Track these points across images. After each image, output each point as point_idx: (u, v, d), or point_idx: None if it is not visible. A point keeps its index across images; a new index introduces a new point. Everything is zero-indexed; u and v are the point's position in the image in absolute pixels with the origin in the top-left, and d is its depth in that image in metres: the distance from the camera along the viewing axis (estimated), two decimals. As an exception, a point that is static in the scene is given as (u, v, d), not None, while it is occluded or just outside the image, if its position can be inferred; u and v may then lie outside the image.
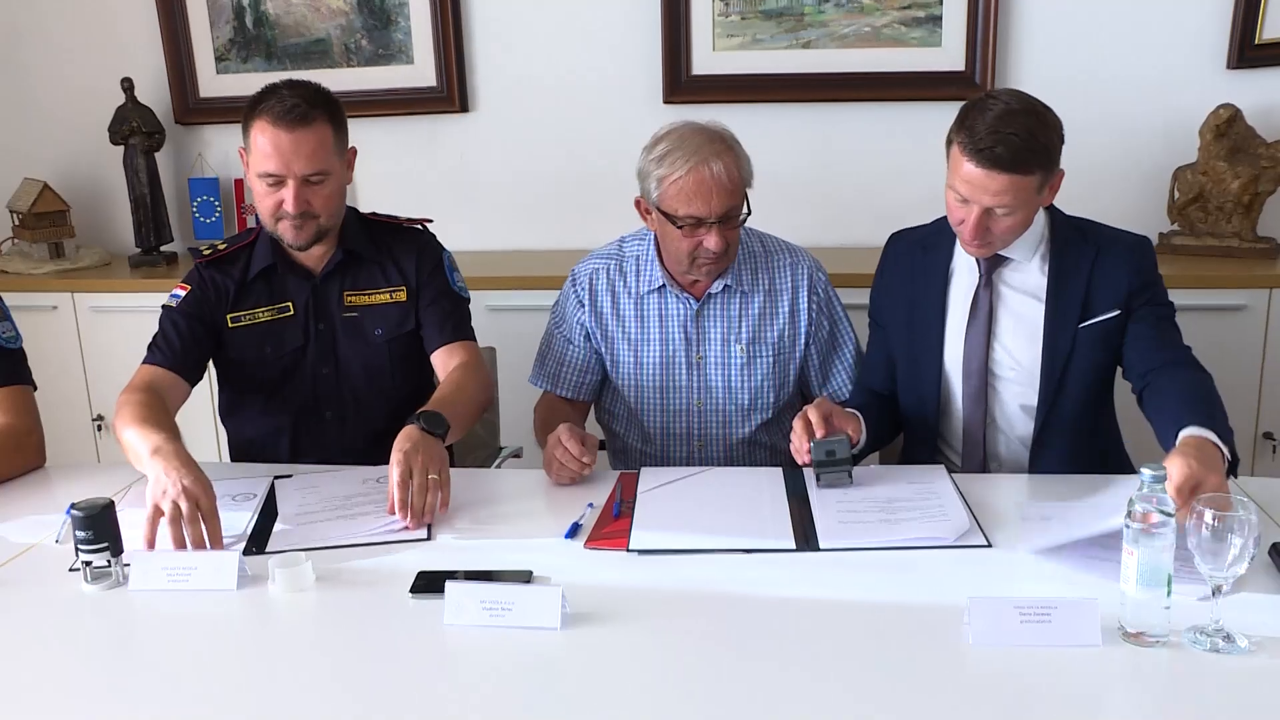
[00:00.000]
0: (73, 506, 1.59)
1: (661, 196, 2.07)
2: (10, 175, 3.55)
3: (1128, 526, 1.35)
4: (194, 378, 2.14)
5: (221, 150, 3.55)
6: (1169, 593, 1.34)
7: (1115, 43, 3.09)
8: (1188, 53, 3.06)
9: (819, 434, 1.87)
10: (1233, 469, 1.72)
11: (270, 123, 2.00)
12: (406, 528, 1.75)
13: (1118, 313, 1.98)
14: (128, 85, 3.39)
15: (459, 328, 2.23)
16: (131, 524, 1.66)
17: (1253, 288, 2.83)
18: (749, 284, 2.21)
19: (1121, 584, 1.36)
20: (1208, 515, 1.32)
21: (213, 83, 3.50)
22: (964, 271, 2.07)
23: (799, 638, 1.42)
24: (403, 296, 2.20)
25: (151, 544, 1.66)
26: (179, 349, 2.11)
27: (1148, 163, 3.13)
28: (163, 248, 3.50)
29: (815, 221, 3.25)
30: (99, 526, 1.56)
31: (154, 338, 2.14)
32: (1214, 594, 1.35)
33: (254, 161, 2.04)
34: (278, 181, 2.02)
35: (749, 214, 2.13)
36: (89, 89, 3.50)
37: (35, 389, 2.14)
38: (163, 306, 2.17)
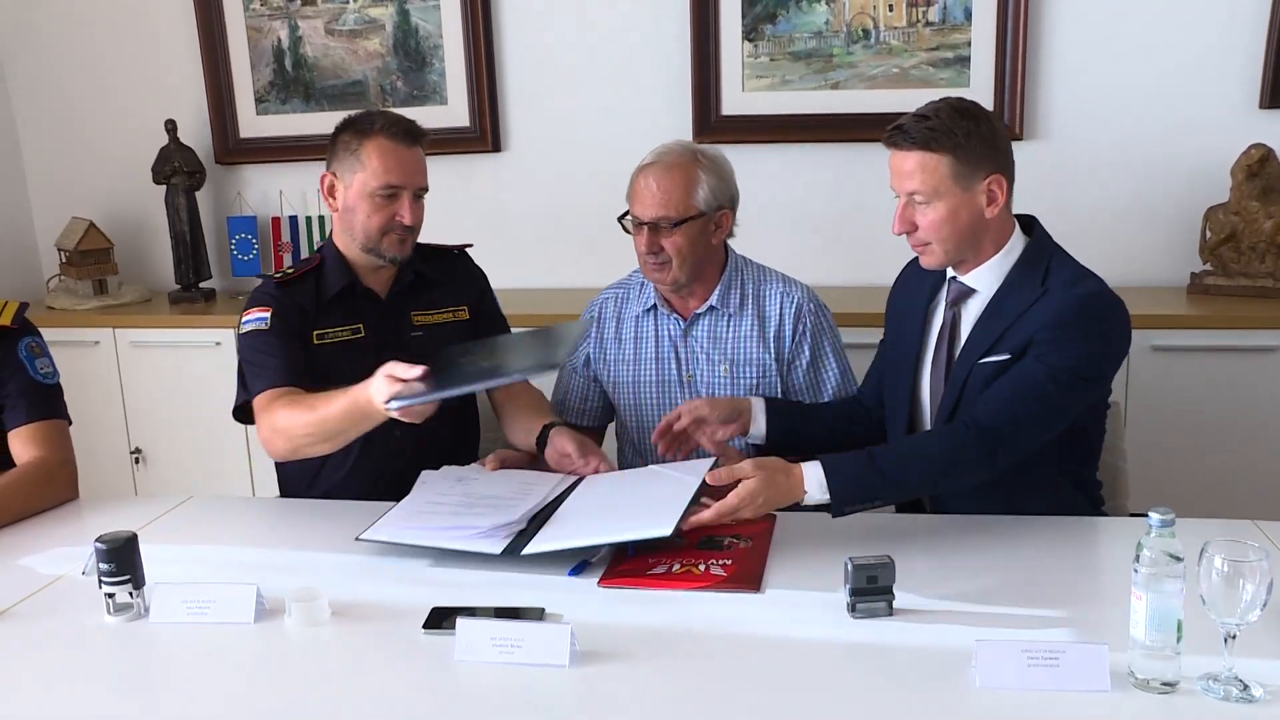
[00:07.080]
0: (98, 539, 1.62)
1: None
2: (59, 214, 3.66)
3: (1136, 571, 1.33)
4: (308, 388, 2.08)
5: (260, 189, 3.63)
6: (1179, 638, 1.32)
7: (1146, 81, 3.08)
8: (1219, 92, 3.05)
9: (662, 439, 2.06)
10: (832, 509, 1.74)
11: (389, 139, 2.10)
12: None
13: (1009, 356, 1.84)
14: (171, 126, 3.49)
15: None
16: (156, 559, 1.69)
17: (1286, 329, 2.79)
18: (735, 307, 2.28)
19: (1131, 629, 1.35)
20: (1218, 560, 1.30)
21: (253, 124, 3.59)
22: (942, 302, 2.02)
23: (811, 678, 1.42)
24: (465, 315, 2.28)
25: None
26: (287, 365, 2.07)
27: (1180, 203, 3.11)
28: (201, 284, 3.57)
29: (844, 261, 3.26)
30: (121, 559, 1.60)
31: (246, 368, 2.11)
32: (1226, 641, 1.32)
33: (367, 178, 2.10)
34: (393, 195, 2.10)
35: (691, 229, 2.16)
36: (134, 130, 3.60)
37: (70, 423, 2.18)
38: (246, 334, 2.12)
